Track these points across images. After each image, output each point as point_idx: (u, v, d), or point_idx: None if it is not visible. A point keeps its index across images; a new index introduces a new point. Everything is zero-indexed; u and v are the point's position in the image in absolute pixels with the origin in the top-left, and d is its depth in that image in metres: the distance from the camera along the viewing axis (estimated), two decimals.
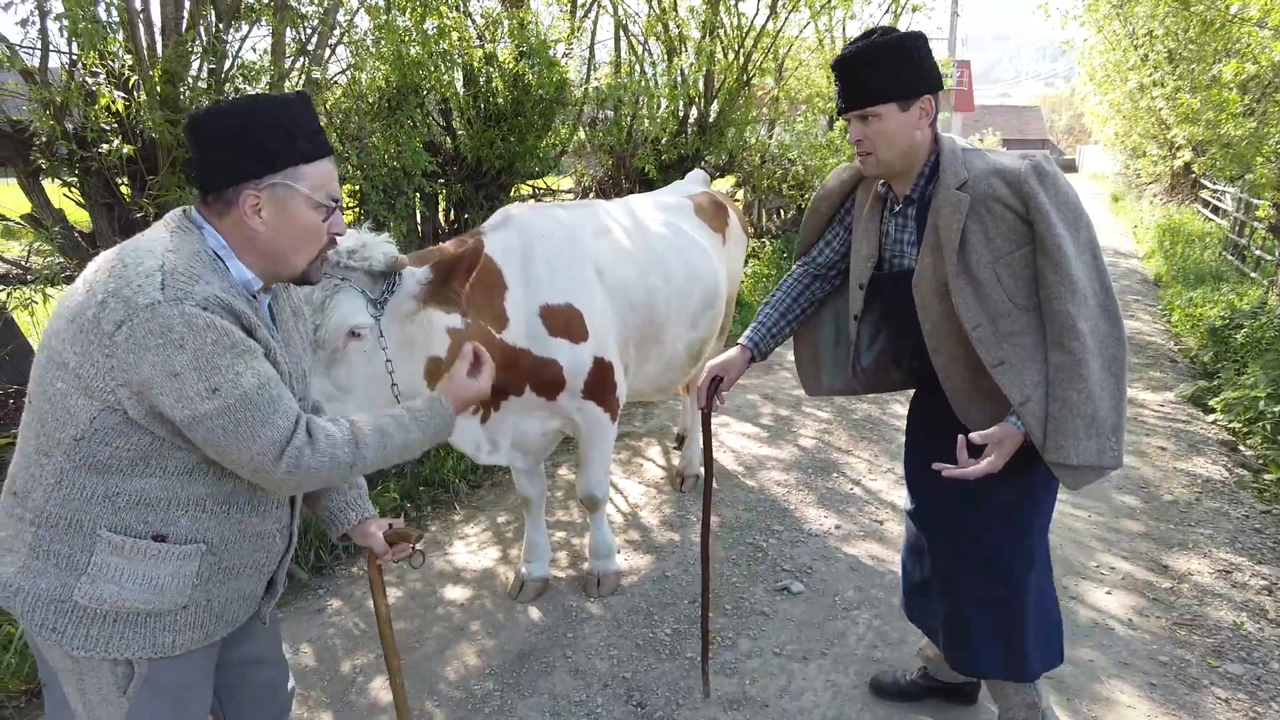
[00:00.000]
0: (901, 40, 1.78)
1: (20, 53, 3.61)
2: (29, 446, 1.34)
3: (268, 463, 1.30)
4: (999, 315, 1.77)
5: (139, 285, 1.22)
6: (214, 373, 1.23)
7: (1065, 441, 1.70)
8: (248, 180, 1.32)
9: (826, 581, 3.26)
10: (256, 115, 1.32)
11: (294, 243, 1.37)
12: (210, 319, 1.23)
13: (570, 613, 3.05)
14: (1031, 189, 1.71)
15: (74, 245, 4.09)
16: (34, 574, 1.33)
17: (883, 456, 4.55)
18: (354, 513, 1.68)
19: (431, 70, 5.11)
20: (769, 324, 2.25)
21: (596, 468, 2.97)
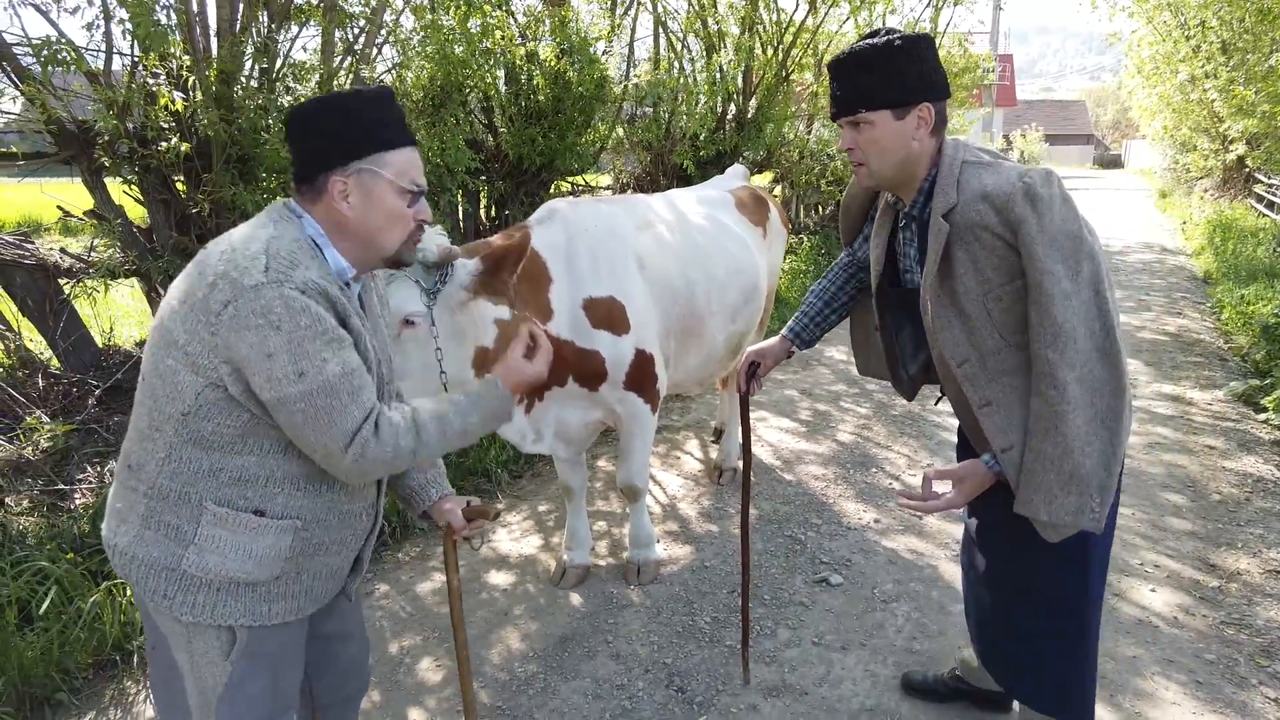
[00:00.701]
0: (900, 42, 1.64)
1: (85, 55, 3.77)
2: (142, 422, 1.44)
3: (337, 450, 1.37)
4: (989, 352, 1.65)
5: (245, 268, 1.31)
6: (303, 357, 1.31)
7: (1034, 495, 1.60)
8: (334, 167, 1.41)
9: (865, 574, 3.27)
10: (343, 108, 1.42)
11: (381, 226, 1.44)
12: (306, 303, 1.31)
13: (611, 599, 3.10)
14: (1019, 216, 1.55)
15: (132, 240, 4.25)
16: (146, 543, 1.43)
17: (922, 452, 4.53)
18: (434, 490, 1.77)
19: (475, 69, 5.19)
20: (812, 313, 2.25)
21: (637, 458, 3.02)
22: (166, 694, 1.57)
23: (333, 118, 1.41)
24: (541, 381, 1.65)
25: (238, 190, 3.90)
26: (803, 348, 2.28)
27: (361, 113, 1.42)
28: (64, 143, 4.01)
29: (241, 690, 1.49)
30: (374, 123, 1.42)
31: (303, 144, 1.44)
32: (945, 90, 1.71)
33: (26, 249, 4.42)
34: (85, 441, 3.95)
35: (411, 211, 1.47)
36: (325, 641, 1.71)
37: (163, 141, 3.82)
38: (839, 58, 1.71)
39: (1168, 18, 14.51)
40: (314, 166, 1.43)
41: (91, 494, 3.64)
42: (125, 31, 3.82)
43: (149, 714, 2.52)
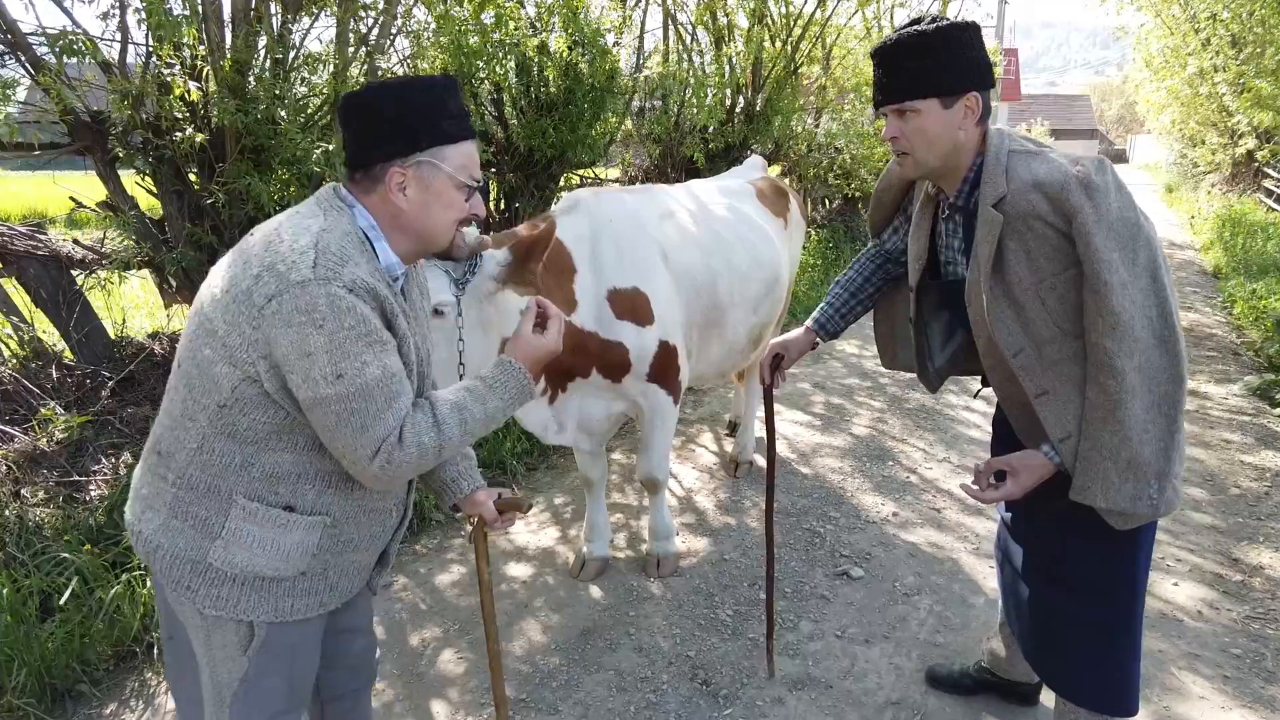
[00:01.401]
0: (950, 30, 1.62)
1: (100, 46, 3.75)
2: (176, 409, 1.42)
3: (364, 457, 1.33)
4: (1044, 341, 1.63)
5: (293, 261, 1.27)
6: (343, 358, 1.27)
7: (1092, 483, 1.58)
8: (395, 158, 1.37)
9: (886, 567, 3.26)
10: (405, 96, 1.37)
11: (437, 220, 1.40)
12: (353, 303, 1.27)
13: (631, 592, 3.09)
14: (1075, 205, 1.53)
15: (146, 231, 4.23)
16: (173, 533, 1.41)
17: (938, 445, 4.51)
18: (465, 483, 1.73)
19: (487, 60, 5.16)
20: (838, 304, 2.22)
21: (658, 450, 3.00)
22: (182, 685, 1.56)
23: (395, 106, 1.36)
24: (556, 354, 1.58)
25: (252, 181, 3.88)
26: (827, 339, 2.26)
27: (426, 102, 1.37)
28: (78, 133, 3.99)
29: (256, 686, 1.47)
30: (437, 113, 1.37)
31: (360, 130, 1.39)
32: (991, 79, 1.69)
33: (40, 240, 4.41)
34: (100, 433, 3.94)
35: (466, 206, 1.44)
36: (337, 635, 1.69)
37: (177, 132, 3.80)
38: (886, 44, 1.67)
39: (1177, 11, 14.43)
40: (371, 155, 1.38)
41: (107, 485, 3.63)
42: (140, 21, 3.81)
43: (170, 706, 2.51)
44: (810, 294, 8.27)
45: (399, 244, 1.42)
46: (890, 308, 2.24)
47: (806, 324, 2.26)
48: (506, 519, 1.77)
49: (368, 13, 4.63)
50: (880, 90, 1.70)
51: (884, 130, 1.73)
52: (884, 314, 2.26)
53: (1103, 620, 1.80)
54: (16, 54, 3.74)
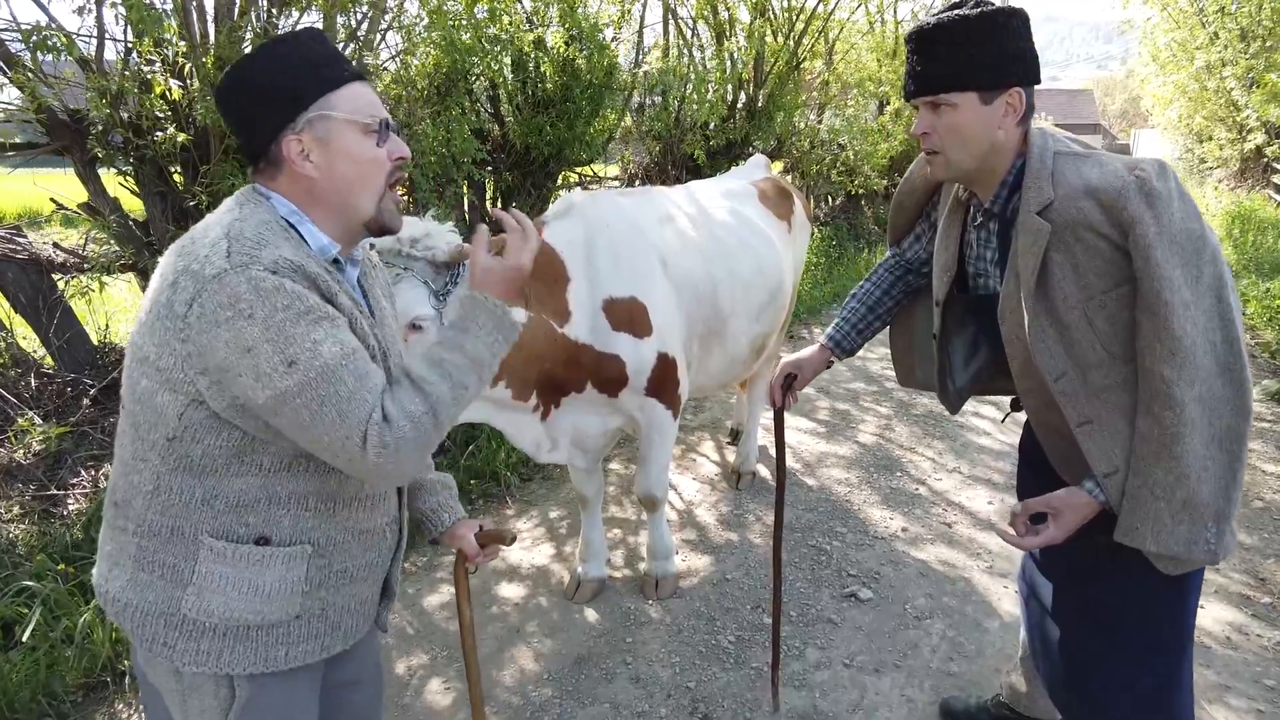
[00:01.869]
0: (996, 15, 1.44)
1: (77, 41, 3.60)
2: (126, 453, 1.27)
3: (355, 447, 1.17)
4: (1089, 365, 1.46)
5: (205, 256, 1.13)
6: (289, 343, 1.11)
7: (1141, 524, 1.41)
8: (284, 127, 1.22)
9: (895, 588, 3.11)
10: (266, 61, 1.23)
11: (355, 177, 1.25)
12: (279, 282, 1.12)
13: (628, 616, 2.95)
14: (1133, 215, 1.36)
15: (129, 234, 4.09)
16: (141, 587, 1.26)
17: (947, 454, 4.36)
18: (446, 514, 1.59)
19: (482, 56, 5.01)
20: (854, 319, 2.06)
21: (656, 466, 2.86)
22: None
23: (261, 73, 1.22)
24: (524, 272, 1.36)
25: (237, 182, 3.73)
26: (843, 357, 2.10)
27: (290, 58, 1.22)
28: (56, 133, 3.85)
29: None
30: (307, 65, 1.23)
31: (241, 116, 1.25)
32: (1037, 74, 1.51)
33: (19, 243, 4.27)
34: (79, 444, 3.81)
35: (385, 150, 1.27)
36: (337, 689, 1.51)
37: (158, 131, 3.65)
38: (922, 28, 1.50)
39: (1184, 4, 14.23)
40: (261, 135, 1.23)
41: (85, 499, 3.49)
42: (118, 17, 3.66)
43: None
44: (813, 293, 8.13)
45: (325, 222, 1.27)
46: (908, 321, 2.08)
47: (821, 341, 2.10)
48: (489, 552, 1.63)
49: (357, 6, 4.48)
50: (913, 79, 1.53)
51: (914, 125, 1.56)
52: (902, 327, 2.10)
53: (1147, 670, 1.62)
54: None
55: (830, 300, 8.29)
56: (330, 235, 1.27)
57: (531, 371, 2.39)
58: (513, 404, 2.40)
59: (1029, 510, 1.55)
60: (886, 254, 2.10)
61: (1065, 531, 1.51)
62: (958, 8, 1.49)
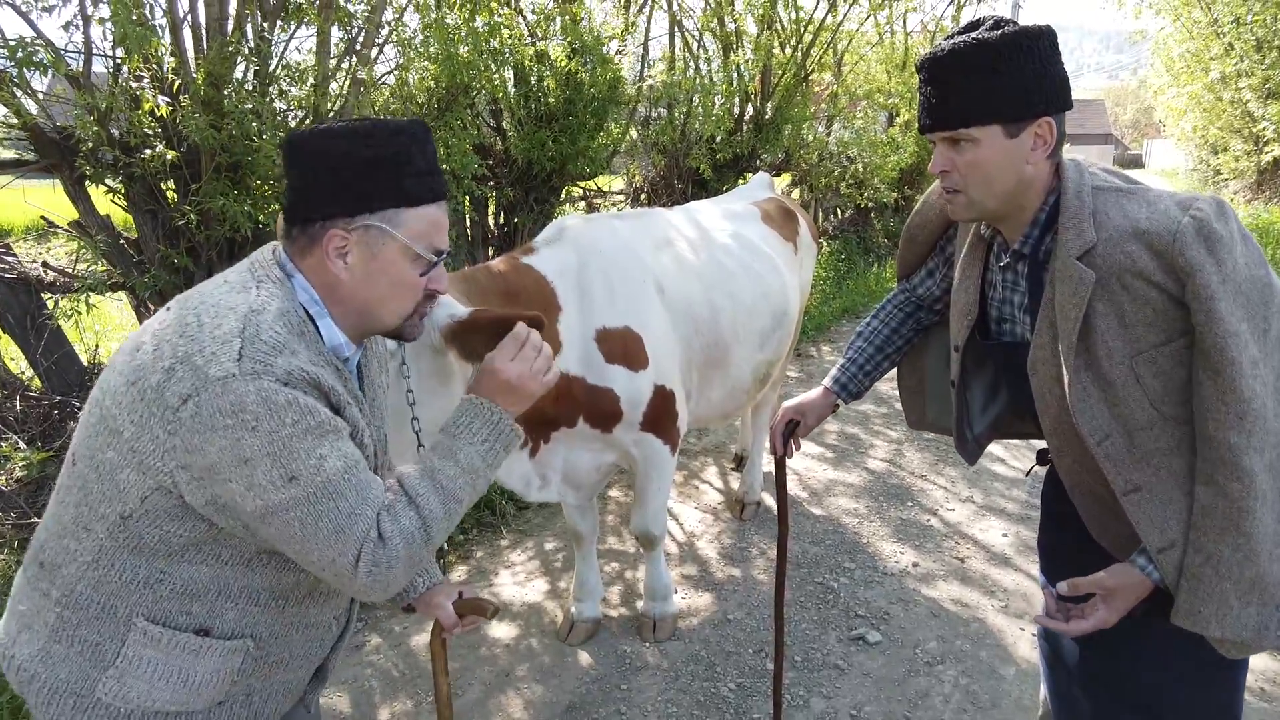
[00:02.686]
0: (1019, 37, 1.29)
1: (65, 57, 3.52)
2: (66, 515, 1.16)
3: (347, 566, 1.09)
4: (1137, 427, 1.30)
5: (213, 353, 1.03)
6: (292, 458, 1.04)
7: (1203, 607, 1.25)
8: (337, 218, 1.12)
9: (905, 630, 2.96)
10: (359, 144, 1.12)
11: (381, 297, 1.18)
12: (292, 396, 1.04)
13: (624, 660, 2.80)
14: (1192, 262, 1.20)
15: (119, 252, 4.00)
16: (54, 660, 1.15)
17: (960, 482, 4.21)
18: (421, 579, 1.48)
19: (482, 70, 4.91)
20: (860, 360, 1.89)
21: (653, 504, 2.72)
22: None
23: (346, 155, 1.11)
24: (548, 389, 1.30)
25: (228, 200, 3.63)
26: (849, 401, 1.93)
27: (385, 155, 1.12)
28: (43, 150, 3.76)
29: None
30: (398, 169, 1.13)
31: (302, 180, 1.14)
32: (1068, 99, 1.34)
33: (7, 261, 4.19)
34: None
35: (423, 281, 1.19)
36: None
37: (147, 148, 3.56)
38: (937, 55, 1.34)
39: (1198, 14, 14.07)
40: (311, 210, 1.14)
41: None
42: (106, 33, 3.58)
43: None
44: (822, 309, 7.98)
45: (344, 320, 1.18)
46: (919, 359, 1.93)
47: (825, 384, 1.93)
48: (468, 623, 1.50)
49: (353, 20, 4.39)
50: (928, 112, 1.37)
51: (933, 163, 1.39)
52: (911, 366, 1.94)
53: None
54: None
55: (839, 316, 8.14)
56: (344, 331, 1.19)
57: None
58: None
59: (1075, 590, 1.38)
60: (895, 289, 1.95)
61: (1118, 614, 1.34)
62: (974, 30, 1.33)
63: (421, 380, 1.86)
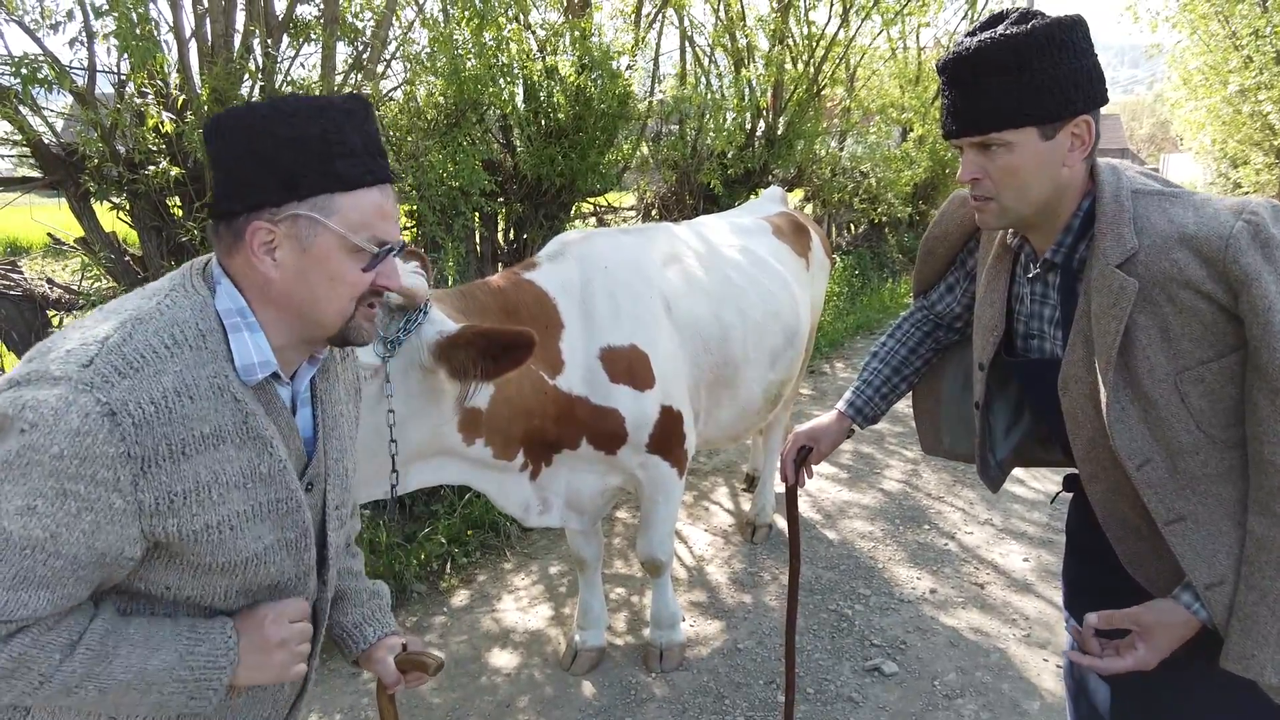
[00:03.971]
0: (1051, 30, 1.19)
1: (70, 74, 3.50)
2: None
3: None
4: (1182, 451, 1.20)
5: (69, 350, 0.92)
6: (16, 484, 0.87)
7: (1259, 650, 1.15)
8: (261, 208, 0.98)
9: (923, 660, 2.83)
10: (283, 121, 0.97)
11: (316, 297, 1.02)
12: (91, 428, 0.87)
13: (629, 691, 2.69)
14: (1247, 270, 1.11)
15: (124, 268, 3.97)
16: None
17: (979, 504, 4.08)
18: (371, 629, 1.32)
19: (491, 85, 4.88)
20: (876, 383, 1.79)
21: (660, 529, 2.62)
22: None
23: (267, 136, 0.97)
24: (284, 680, 1.11)
25: None
26: (865, 425, 1.83)
27: (310, 133, 0.98)
28: (49, 166, 3.75)
29: None
30: (326, 148, 0.98)
31: (222, 168, 1.02)
32: (1104, 94, 1.24)
33: (12, 279, 4.18)
34: None
35: (367, 278, 1.04)
36: None
37: (152, 165, 3.53)
38: (961, 55, 1.23)
39: (1216, 27, 13.92)
40: (233, 201, 1.00)
41: None
42: (111, 49, 3.57)
43: None
44: (835, 325, 7.88)
45: (280, 328, 1.03)
46: (935, 381, 1.82)
47: (839, 408, 1.82)
48: (411, 679, 1.33)
49: (360, 36, 4.36)
50: (953, 118, 1.27)
51: (960, 170, 1.29)
52: (926, 389, 1.83)
53: None
54: None
55: (853, 332, 8.03)
56: (282, 341, 1.04)
57: (517, 427, 2.17)
58: (495, 463, 2.18)
59: (1110, 624, 1.27)
60: (911, 306, 1.85)
61: (1159, 655, 1.23)
62: (999, 24, 1.23)
63: (409, 400, 1.78)
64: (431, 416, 1.88)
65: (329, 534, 1.17)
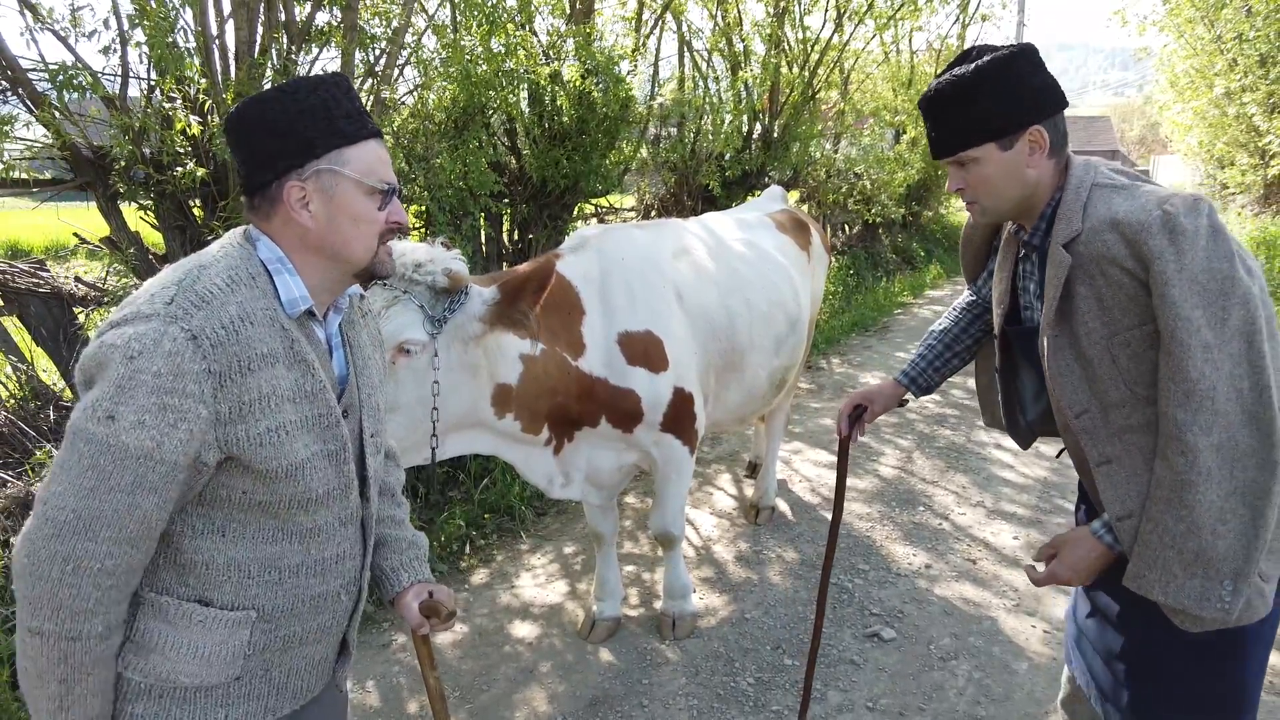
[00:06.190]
0: (988, 68, 1.44)
1: (101, 80, 3.67)
2: None
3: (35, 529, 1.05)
4: (1112, 404, 1.43)
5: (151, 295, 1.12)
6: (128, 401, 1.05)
7: (1149, 572, 1.37)
8: (289, 171, 1.19)
9: (919, 627, 3.02)
10: (290, 101, 1.19)
11: (348, 236, 1.22)
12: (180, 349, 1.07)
13: (644, 656, 2.87)
14: (1153, 250, 1.32)
15: (148, 267, 4.13)
16: None
17: (970, 488, 4.26)
18: (405, 574, 1.49)
19: (498, 89, 5.06)
20: (931, 356, 2.01)
21: (673, 504, 2.80)
22: None
23: (280, 113, 1.19)
24: None
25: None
26: (919, 395, 2.04)
27: (315, 104, 1.19)
28: (80, 169, 3.91)
29: None
30: (329, 114, 1.20)
31: (248, 150, 1.22)
32: (1058, 103, 1.49)
33: (41, 277, 4.33)
34: None
35: (383, 215, 1.25)
36: None
37: (179, 167, 3.70)
38: (928, 96, 1.52)
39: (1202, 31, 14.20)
40: (264, 174, 1.21)
41: None
42: (142, 56, 3.73)
43: None
44: (831, 322, 8.07)
45: (314, 271, 1.24)
46: (988, 360, 2.02)
47: (895, 377, 2.06)
48: (434, 623, 1.47)
49: (375, 43, 4.54)
50: (932, 145, 1.56)
51: (949, 183, 1.58)
52: (982, 366, 2.03)
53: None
54: (16, 90, 3.67)
55: (849, 330, 8.22)
56: (315, 282, 1.24)
57: (543, 404, 2.36)
58: (523, 436, 2.36)
59: (1043, 553, 1.54)
60: (965, 293, 2.06)
61: (1069, 569, 1.48)
62: (959, 65, 1.49)
63: (450, 374, 1.97)
64: (470, 389, 2.06)
65: (367, 457, 1.35)
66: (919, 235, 13.62)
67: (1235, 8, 12.46)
